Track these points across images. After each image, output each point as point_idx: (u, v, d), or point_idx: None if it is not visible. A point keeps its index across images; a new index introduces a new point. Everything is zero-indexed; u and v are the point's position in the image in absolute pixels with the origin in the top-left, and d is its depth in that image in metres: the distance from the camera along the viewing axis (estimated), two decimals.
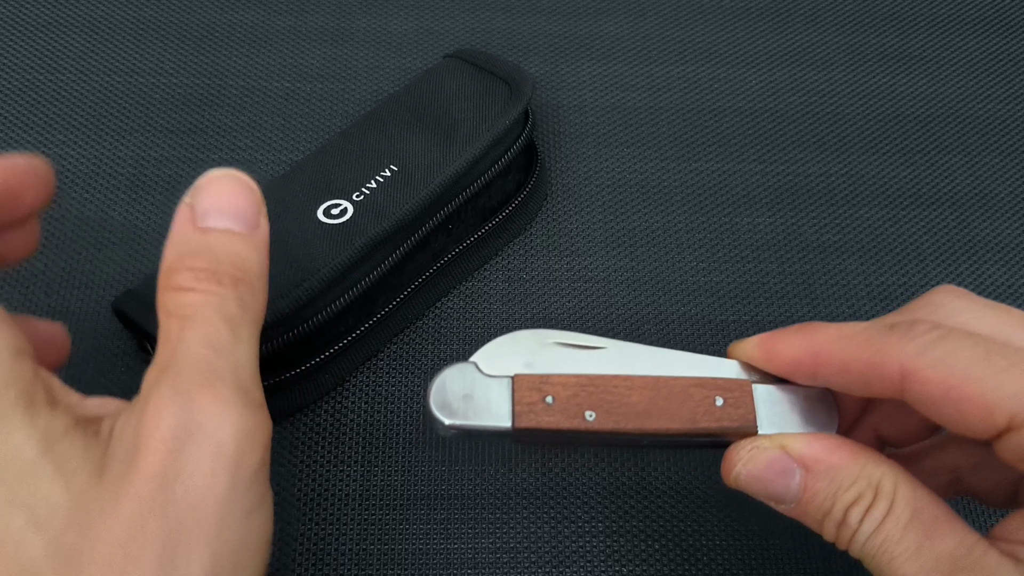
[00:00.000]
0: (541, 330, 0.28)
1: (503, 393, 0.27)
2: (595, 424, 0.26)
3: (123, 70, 0.46)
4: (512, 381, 0.27)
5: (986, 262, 0.42)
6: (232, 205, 0.24)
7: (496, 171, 0.38)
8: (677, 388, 0.27)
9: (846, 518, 0.24)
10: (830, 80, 0.48)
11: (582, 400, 0.27)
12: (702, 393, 0.27)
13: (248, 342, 0.23)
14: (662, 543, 0.35)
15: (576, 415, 0.26)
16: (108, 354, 0.38)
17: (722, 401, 0.27)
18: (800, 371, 0.27)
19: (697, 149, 0.45)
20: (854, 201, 0.44)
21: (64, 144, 0.43)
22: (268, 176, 0.43)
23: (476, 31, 0.48)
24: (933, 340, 0.23)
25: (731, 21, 0.49)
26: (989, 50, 0.49)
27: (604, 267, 0.41)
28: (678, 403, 0.27)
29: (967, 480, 0.29)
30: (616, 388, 0.27)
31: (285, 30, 0.47)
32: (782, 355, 0.27)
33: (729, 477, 0.26)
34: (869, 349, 0.24)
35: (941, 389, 0.23)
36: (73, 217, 0.41)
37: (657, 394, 0.27)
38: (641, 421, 0.27)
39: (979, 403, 0.23)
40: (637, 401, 0.27)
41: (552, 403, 0.26)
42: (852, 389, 0.26)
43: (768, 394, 0.27)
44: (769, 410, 0.27)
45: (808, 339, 0.26)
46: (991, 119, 0.47)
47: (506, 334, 0.28)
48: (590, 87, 0.47)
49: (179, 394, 0.22)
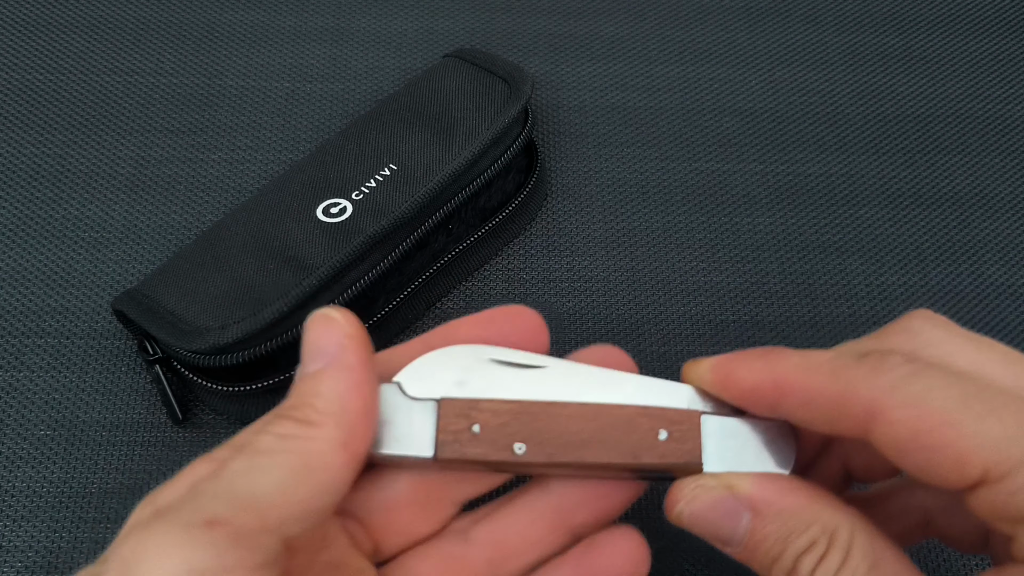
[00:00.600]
0: (477, 346, 0.25)
1: (427, 418, 0.24)
2: (525, 457, 0.24)
3: (123, 70, 0.46)
4: (438, 405, 0.24)
5: (986, 262, 0.42)
6: (312, 347, 0.23)
7: (496, 170, 0.38)
8: (620, 417, 0.24)
9: (797, 567, 0.22)
10: (830, 80, 0.48)
11: (513, 430, 0.24)
12: (647, 424, 0.24)
13: (263, 471, 0.21)
14: (662, 543, 0.35)
15: (504, 447, 0.24)
16: (108, 354, 0.38)
17: (666, 435, 0.24)
18: (759, 402, 0.24)
19: (697, 149, 0.45)
20: (854, 201, 0.44)
21: (64, 144, 0.43)
22: (268, 176, 0.43)
23: (476, 31, 0.48)
24: (906, 375, 0.21)
25: (731, 21, 0.49)
26: (989, 50, 0.49)
27: (604, 267, 0.41)
28: (620, 434, 0.24)
29: (937, 523, 0.27)
30: (552, 417, 0.24)
31: (285, 30, 0.47)
32: (740, 383, 0.24)
33: (671, 514, 0.24)
34: (836, 382, 0.22)
35: (911, 432, 0.21)
36: (73, 217, 0.41)
37: (597, 424, 0.24)
38: (577, 453, 0.24)
39: (951, 451, 0.20)
40: (574, 431, 0.24)
41: (479, 432, 0.24)
42: (815, 425, 0.23)
43: (720, 427, 0.25)
44: (719, 444, 0.24)
45: (769, 366, 0.24)
46: (991, 119, 0.47)
47: (438, 349, 0.25)
48: (590, 87, 0.47)
49: (130, 532, 0.20)
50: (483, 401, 0.24)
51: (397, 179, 0.37)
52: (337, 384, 0.22)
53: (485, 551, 0.26)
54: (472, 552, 0.26)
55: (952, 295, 0.41)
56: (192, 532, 0.19)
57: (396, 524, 0.26)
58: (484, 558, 0.26)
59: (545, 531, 0.26)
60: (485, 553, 0.26)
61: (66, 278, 0.40)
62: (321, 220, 0.36)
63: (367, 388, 0.23)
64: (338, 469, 0.22)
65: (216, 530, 0.19)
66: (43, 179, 0.42)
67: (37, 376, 0.37)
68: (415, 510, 0.26)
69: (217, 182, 0.42)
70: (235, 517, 0.20)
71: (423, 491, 0.26)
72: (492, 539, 0.26)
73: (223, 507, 0.20)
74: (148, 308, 0.35)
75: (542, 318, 0.26)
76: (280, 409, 0.23)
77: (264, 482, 0.21)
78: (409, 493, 0.26)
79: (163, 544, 0.19)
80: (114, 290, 0.39)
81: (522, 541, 0.26)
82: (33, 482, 0.35)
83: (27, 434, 0.36)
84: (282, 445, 0.21)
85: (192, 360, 0.34)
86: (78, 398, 0.37)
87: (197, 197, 0.42)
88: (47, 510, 0.34)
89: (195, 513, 0.20)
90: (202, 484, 0.21)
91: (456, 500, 0.26)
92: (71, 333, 0.38)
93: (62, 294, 0.39)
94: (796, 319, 0.40)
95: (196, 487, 0.21)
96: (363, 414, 0.23)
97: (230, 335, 0.33)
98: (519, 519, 0.26)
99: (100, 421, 0.36)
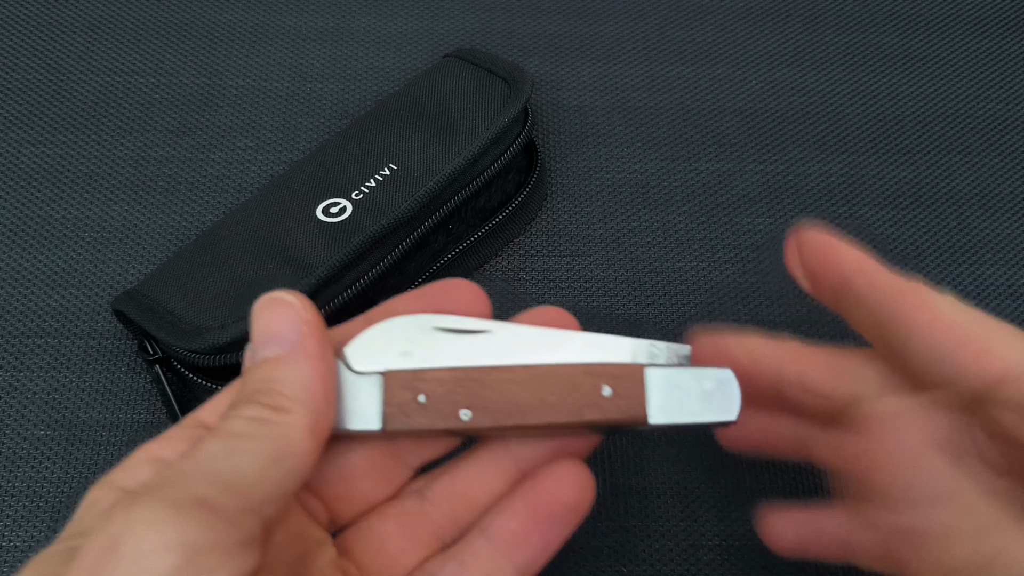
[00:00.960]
0: (420, 315, 0.25)
1: (373, 392, 0.25)
2: (472, 423, 0.24)
3: (123, 70, 0.46)
4: (383, 379, 0.25)
5: (986, 262, 0.42)
6: (267, 333, 0.24)
7: (496, 170, 0.38)
8: (564, 377, 0.25)
9: None
10: (830, 80, 0.48)
11: (458, 397, 0.25)
12: (590, 382, 0.25)
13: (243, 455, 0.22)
14: (662, 543, 0.35)
15: (450, 415, 0.24)
16: (108, 354, 0.38)
17: (610, 391, 0.25)
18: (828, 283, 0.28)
19: (697, 149, 0.45)
20: (854, 201, 0.44)
21: (64, 144, 0.43)
22: (268, 176, 0.43)
23: (476, 31, 0.48)
24: (934, 293, 0.26)
25: (731, 21, 0.49)
26: (989, 50, 0.49)
27: (604, 267, 0.41)
28: (564, 394, 0.25)
29: None
30: (496, 382, 0.25)
31: (285, 30, 0.47)
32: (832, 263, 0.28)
33: None
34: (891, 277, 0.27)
35: (945, 326, 0.25)
36: (73, 217, 0.41)
37: (541, 385, 0.25)
38: (523, 416, 0.24)
39: (977, 346, 0.24)
40: (518, 394, 0.25)
41: (425, 402, 0.24)
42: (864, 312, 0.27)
43: (664, 378, 0.25)
44: (664, 395, 0.25)
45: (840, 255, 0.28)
46: (991, 119, 0.47)
47: (380, 323, 0.25)
48: (590, 87, 0.47)
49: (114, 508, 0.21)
50: (427, 371, 0.25)
51: (397, 179, 0.37)
52: (302, 372, 0.23)
53: (445, 507, 0.26)
54: (431, 509, 0.26)
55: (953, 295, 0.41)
56: (182, 510, 0.20)
57: (352, 493, 0.26)
58: (444, 513, 0.26)
59: (504, 483, 0.26)
60: (445, 508, 0.26)
61: (66, 278, 0.40)
62: (321, 220, 0.36)
63: (329, 375, 0.24)
64: (307, 454, 0.22)
65: (205, 508, 0.20)
66: (43, 179, 0.42)
67: (37, 376, 0.37)
68: (370, 478, 0.26)
69: (217, 182, 0.42)
70: (221, 498, 0.20)
71: (377, 459, 0.26)
72: (451, 495, 0.26)
73: (208, 488, 0.20)
74: (148, 308, 0.35)
75: (481, 289, 0.26)
76: (244, 393, 0.23)
77: (245, 465, 0.21)
78: (363, 462, 0.26)
79: (154, 520, 0.19)
80: (114, 290, 0.39)
81: (482, 493, 0.26)
82: (33, 482, 0.35)
83: (27, 434, 0.36)
84: (257, 429, 0.22)
85: (192, 360, 0.34)
86: (78, 398, 0.37)
87: (197, 197, 0.42)
88: (47, 510, 0.34)
89: (181, 491, 0.20)
90: (180, 465, 0.21)
91: (411, 465, 0.27)
92: (71, 333, 0.38)
93: (62, 294, 0.39)
94: (796, 319, 0.40)
95: (173, 467, 0.21)
96: (327, 400, 0.23)
97: (229, 334, 0.33)
98: (477, 473, 0.26)
99: (100, 421, 0.36)
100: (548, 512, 0.25)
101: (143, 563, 0.19)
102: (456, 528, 0.26)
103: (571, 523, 0.26)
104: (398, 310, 0.26)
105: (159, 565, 0.19)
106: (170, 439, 0.24)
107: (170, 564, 0.19)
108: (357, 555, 0.26)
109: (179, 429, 0.25)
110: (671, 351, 0.26)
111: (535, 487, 0.25)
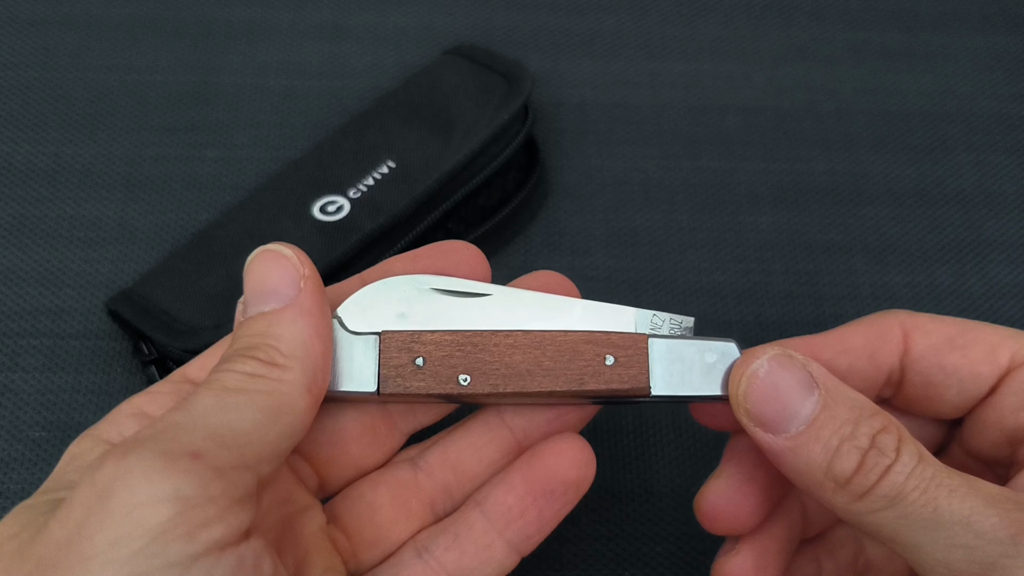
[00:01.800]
0: (417, 275, 0.25)
1: (368, 353, 0.24)
2: (470, 388, 0.24)
3: (118, 67, 0.45)
4: (379, 339, 0.24)
5: (992, 261, 0.42)
6: (262, 286, 0.23)
7: (495, 167, 0.38)
8: (565, 345, 0.24)
9: (876, 444, 0.22)
10: (835, 77, 0.47)
11: (456, 361, 0.24)
12: (592, 351, 0.24)
13: (237, 409, 0.21)
14: (664, 546, 0.35)
15: (449, 379, 0.24)
16: (103, 354, 0.38)
17: (613, 360, 0.24)
18: None
19: (700, 147, 0.45)
20: (859, 200, 0.43)
21: (58, 142, 0.43)
22: (264, 174, 0.42)
23: (476, 27, 0.48)
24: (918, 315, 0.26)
25: (735, 17, 0.49)
26: (994, 48, 0.49)
27: (606, 267, 0.41)
28: (564, 362, 0.24)
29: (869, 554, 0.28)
30: (496, 347, 0.24)
31: (282, 26, 0.47)
32: None
33: (739, 379, 0.23)
34: (870, 324, 0.26)
35: (944, 338, 0.25)
36: (67, 216, 0.41)
37: (542, 352, 0.24)
38: (522, 383, 0.24)
39: (983, 344, 0.24)
40: (519, 361, 0.24)
41: (423, 365, 0.24)
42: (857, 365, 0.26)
43: (667, 349, 0.25)
44: (666, 368, 0.24)
45: None
46: (997, 117, 0.46)
47: (378, 281, 0.25)
48: (591, 84, 0.46)
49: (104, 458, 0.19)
50: (425, 333, 0.24)
51: (395, 177, 0.37)
52: (299, 328, 0.22)
53: (439, 476, 0.26)
54: (424, 478, 0.26)
55: (958, 295, 0.41)
56: (176, 461, 0.19)
57: (342, 458, 0.26)
58: (438, 483, 0.26)
59: (499, 454, 0.26)
60: (439, 478, 0.26)
61: (60, 278, 0.39)
62: (317, 218, 0.36)
63: (327, 332, 0.23)
64: (302, 412, 0.22)
65: (199, 461, 0.19)
66: (37, 178, 0.42)
67: (31, 377, 0.37)
68: (361, 442, 0.26)
69: (213, 180, 0.42)
70: (214, 452, 0.20)
71: (368, 423, 0.26)
72: (445, 464, 0.26)
73: (201, 441, 0.20)
74: (143, 308, 0.35)
75: (481, 253, 0.26)
76: (238, 348, 0.22)
77: (239, 419, 0.21)
78: (354, 426, 0.26)
79: (147, 470, 0.19)
80: (109, 290, 0.39)
81: (476, 464, 0.26)
82: (28, 484, 0.35)
83: (21, 436, 0.36)
84: (252, 384, 0.21)
85: (187, 360, 0.34)
86: (73, 399, 0.36)
87: (193, 195, 0.42)
88: None
89: (174, 443, 0.19)
90: (171, 416, 0.20)
91: (404, 431, 0.27)
92: (65, 334, 0.38)
93: (56, 294, 0.39)
94: (800, 319, 0.40)
95: (165, 419, 0.20)
96: (324, 358, 0.23)
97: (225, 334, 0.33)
98: (471, 443, 0.26)
99: (95, 423, 0.36)
100: (546, 488, 0.25)
101: (135, 516, 0.18)
102: (449, 499, 0.26)
103: (570, 500, 0.25)
104: (395, 270, 0.25)
105: (152, 518, 0.18)
106: (156, 393, 0.24)
107: (163, 517, 0.18)
108: (347, 523, 0.25)
109: (166, 384, 0.24)
110: (674, 322, 0.26)
111: (535, 462, 0.25)
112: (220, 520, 0.19)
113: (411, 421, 0.27)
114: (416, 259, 0.26)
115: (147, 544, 0.18)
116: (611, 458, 0.36)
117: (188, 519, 0.18)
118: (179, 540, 0.18)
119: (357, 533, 0.25)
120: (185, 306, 0.34)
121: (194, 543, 0.18)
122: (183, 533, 0.18)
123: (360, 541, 0.25)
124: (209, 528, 0.19)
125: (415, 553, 0.25)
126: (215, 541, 0.19)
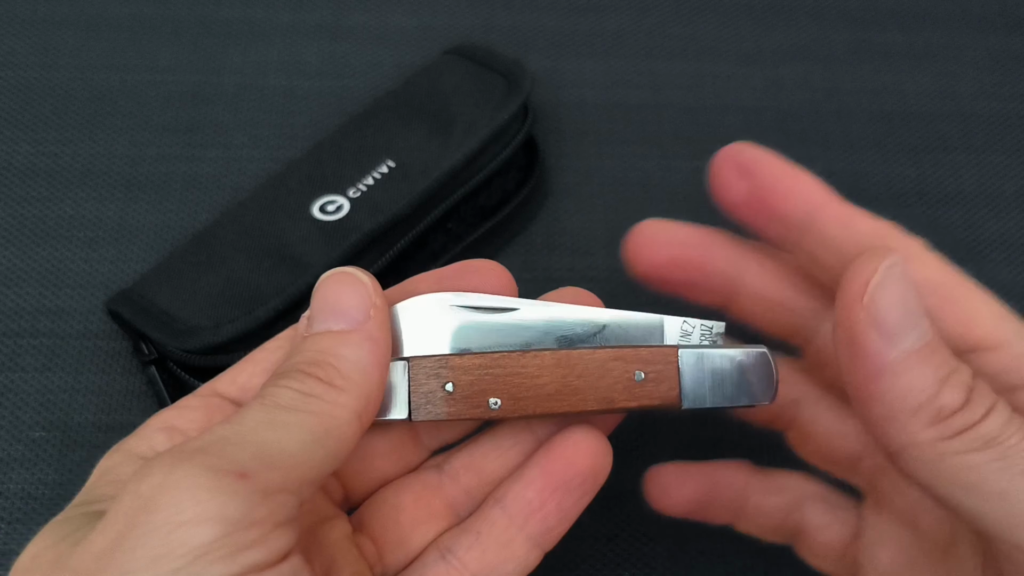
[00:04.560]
0: (442, 294, 0.25)
1: (399, 378, 0.24)
2: (500, 412, 0.24)
3: (117, 67, 0.45)
4: (408, 365, 0.24)
5: (992, 261, 0.42)
6: (333, 305, 0.23)
7: (495, 167, 0.38)
8: (593, 364, 0.24)
9: (977, 385, 0.21)
10: (835, 77, 0.47)
11: (486, 385, 0.24)
12: (621, 367, 0.24)
13: (287, 428, 0.21)
14: (665, 546, 0.35)
15: (479, 404, 0.24)
16: (103, 355, 0.38)
17: (643, 375, 0.24)
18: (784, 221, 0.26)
19: (700, 147, 0.44)
20: (859, 199, 0.43)
21: (58, 142, 0.43)
22: (264, 173, 0.42)
23: (476, 27, 0.48)
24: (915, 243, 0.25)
25: (735, 17, 0.49)
26: (995, 47, 0.49)
27: (606, 267, 0.41)
28: (593, 380, 0.24)
29: None
30: (524, 369, 0.24)
31: (281, 26, 0.47)
32: None
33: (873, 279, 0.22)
34: None
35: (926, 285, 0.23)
36: (67, 216, 0.41)
37: (570, 371, 0.24)
38: (552, 404, 0.24)
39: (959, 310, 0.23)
40: (547, 382, 0.24)
41: (453, 391, 0.24)
42: None
43: (698, 359, 0.24)
44: (698, 381, 0.24)
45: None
46: (997, 116, 0.46)
47: (401, 302, 0.25)
48: (591, 84, 0.46)
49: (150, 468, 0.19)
50: (453, 357, 0.24)
51: (395, 176, 0.37)
52: (362, 353, 0.22)
53: (462, 479, 0.26)
54: (447, 481, 0.26)
55: None
56: (223, 480, 0.19)
57: (368, 472, 0.26)
58: (461, 485, 0.26)
59: (523, 458, 0.26)
60: (462, 481, 0.26)
61: (60, 278, 0.39)
62: (317, 218, 0.36)
63: (386, 364, 0.23)
64: (350, 439, 0.22)
65: (247, 482, 0.19)
66: (37, 178, 0.42)
67: (31, 377, 0.37)
68: (389, 458, 0.26)
69: (212, 180, 0.42)
70: (262, 473, 0.19)
71: (396, 440, 0.26)
72: (468, 468, 0.26)
73: (249, 459, 0.19)
74: (143, 308, 0.35)
75: (507, 270, 0.26)
76: (297, 361, 0.22)
77: (288, 439, 0.20)
78: (381, 442, 0.26)
79: (194, 487, 0.18)
80: (108, 290, 0.39)
81: (499, 467, 0.26)
82: (28, 484, 0.35)
83: (21, 436, 0.36)
84: (305, 404, 0.21)
85: (187, 360, 0.34)
86: (72, 400, 0.36)
87: (192, 195, 0.42)
88: (42, 513, 0.34)
89: (222, 459, 0.19)
90: (219, 429, 0.20)
91: (429, 447, 0.27)
92: (65, 334, 0.38)
93: (56, 294, 0.39)
94: None
95: (215, 432, 0.20)
96: (379, 388, 0.23)
97: (224, 334, 0.33)
98: (495, 447, 0.26)
99: (95, 423, 0.36)
100: (564, 480, 0.25)
101: (179, 535, 0.18)
102: (471, 501, 0.26)
103: (589, 491, 0.25)
104: (420, 290, 0.25)
105: (195, 538, 0.18)
106: (185, 408, 0.24)
107: (207, 538, 0.18)
108: (372, 527, 0.25)
109: (194, 398, 0.24)
110: (704, 327, 0.26)
111: (551, 455, 0.25)
112: (262, 544, 0.19)
113: (436, 437, 0.27)
114: (441, 279, 0.26)
115: (188, 564, 0.18)
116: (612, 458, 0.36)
117: (231, 541, 0.18)
118: (220, 562, 0.18)
119: (382, 535, 0.25)
120: (185, 306, 0.34)
121: (234, 565, 0.18)
122: (225, 555, 0.18)
123: (385, 543, 0.25)
124: (251, 551, 0.19)
125: (439, 555, 0.25)
126: (255, 564, 0.19)
